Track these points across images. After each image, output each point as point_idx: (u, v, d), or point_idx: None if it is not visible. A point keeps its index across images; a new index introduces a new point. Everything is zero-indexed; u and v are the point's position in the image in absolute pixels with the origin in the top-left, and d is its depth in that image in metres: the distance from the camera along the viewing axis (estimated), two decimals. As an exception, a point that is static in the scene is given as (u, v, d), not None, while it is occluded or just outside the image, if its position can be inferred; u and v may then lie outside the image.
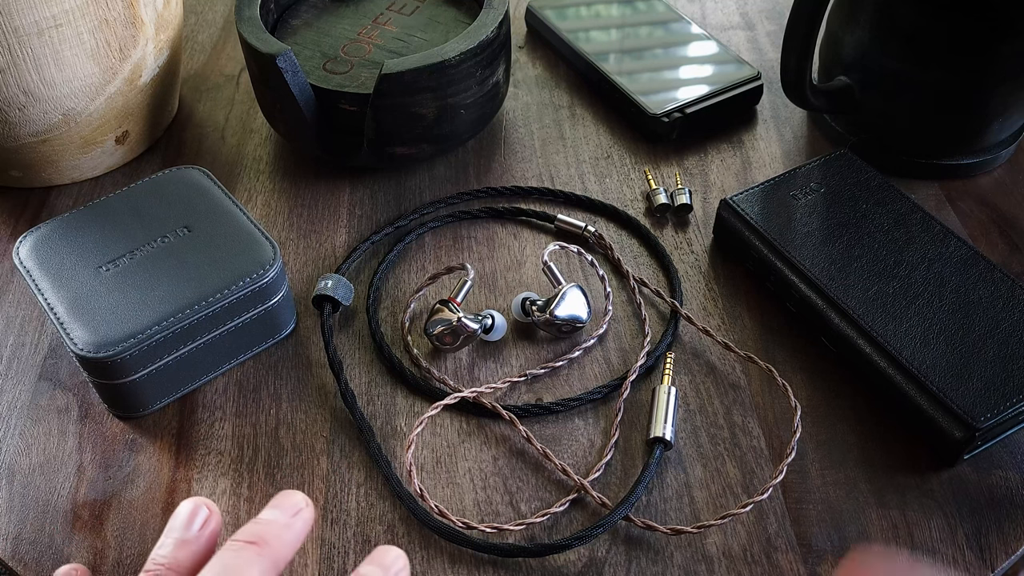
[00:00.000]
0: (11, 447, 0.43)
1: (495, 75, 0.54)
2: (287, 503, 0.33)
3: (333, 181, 0.56)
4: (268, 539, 0.31)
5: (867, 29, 0.52)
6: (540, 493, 0.41)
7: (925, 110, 0.53)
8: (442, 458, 0.42)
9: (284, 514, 0.33)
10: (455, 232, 0.53)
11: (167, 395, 0.44)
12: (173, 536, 0.32)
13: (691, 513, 0.40)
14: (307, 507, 0.33)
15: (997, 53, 0.49)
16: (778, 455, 0.42)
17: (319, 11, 0.59)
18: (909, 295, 0.45)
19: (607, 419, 0.44)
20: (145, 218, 0.46)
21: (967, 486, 0.41)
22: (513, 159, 0.57)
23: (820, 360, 0.46)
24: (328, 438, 0.43)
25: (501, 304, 0.49)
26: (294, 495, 0.33)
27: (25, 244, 0.45)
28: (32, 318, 0.49)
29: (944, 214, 0.53)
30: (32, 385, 0.46)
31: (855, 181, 0.51)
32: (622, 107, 0.60)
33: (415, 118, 0.51)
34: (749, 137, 0.59)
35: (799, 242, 0.48)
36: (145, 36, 0.53)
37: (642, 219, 0.53)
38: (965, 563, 0.39)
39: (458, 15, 0.57)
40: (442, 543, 0.40)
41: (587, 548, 0.39)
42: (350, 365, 0.46)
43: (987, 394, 0.41)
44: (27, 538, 0.40)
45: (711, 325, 0.48)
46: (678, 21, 0.65)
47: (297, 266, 0.51)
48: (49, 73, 0.49)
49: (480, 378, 0.46)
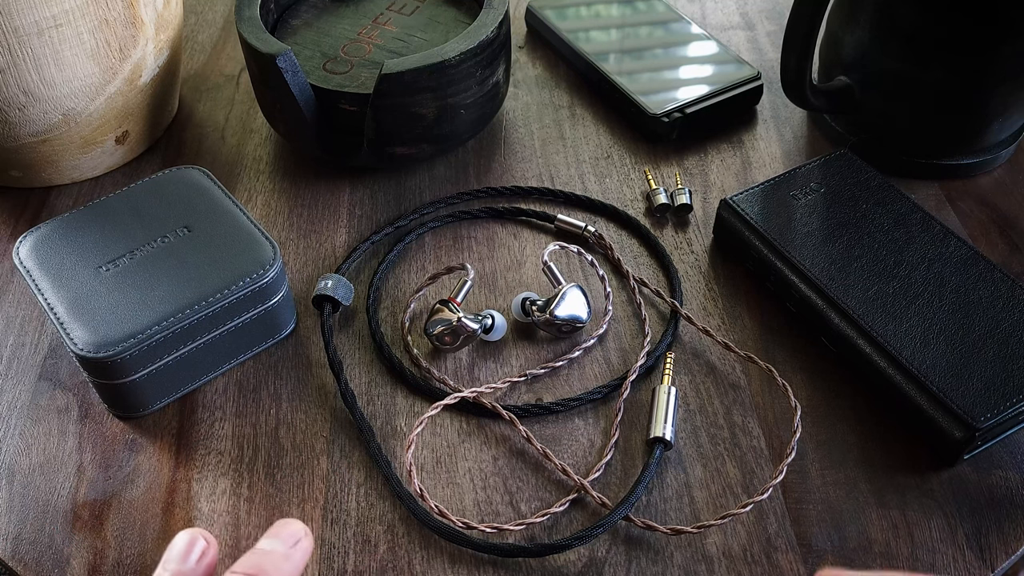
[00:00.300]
0: (11, 447, 0.43)
1: (495, 75, 0.54)
2: (286, 532, 0.32)
3: (333, 181, 0.56)
4: (268, 570, 0.31)
5: (867, 29, 0.52)
6: (540, 493, 0.41)
7: (925, 110, 0.53)
8: (442, 458, 0.42)
9: (283, 544, 0.32)
10: (455, 232, 0.53)
11: (167, 395, 0.44)
12: (170, 568, 0.31)
13: (691, 513, 0.40)
14: (306, 537, 0.33)
15: (997, 53, 0.49)
16: (778, 455, 0.42)
17: (319, 11, 0.59)
18: (909, 295, 0.45)
19: (607, 419, 0.44)
20: (145, 218, 0.46)
21: (967, 486, 0.41)
22: (513, 159, 0.57)
23: (820, 360, 0.46)
24: (328, 438, 0.43)
25: (501, 304, 0.49)
26: (293, 523, 0.33)
27: (25, 244, 0.45)
28: (32, 318, 0.49)
29: (944, 214, 0.53)
30: (32, 385, 0.46)
31: (855, 181, 0.51)
32: (622, 107, 0.60)
33: (415, 118, 0.51)
34: (749, 137, 0.59)
35: (799, 242, 0.48)
36: (145, 36, 0.53)
37: (642, 219, 0.53)
38: (965, 563, 0.39)
39: (458, 15, 0.57)
40: (442, 543, 0.40)
41: (587, 548, 0.39)
42: (350, 365, 0.46)
43: (987, 394, 0.41)
44: (27, 538, 0.40)
45: (711, 325, 0.48)
46: (678, 21, 0.65)
47: (297, 266, 0.51)
48: (49, 73, 0.49)
49: (480, 378, 0.46)
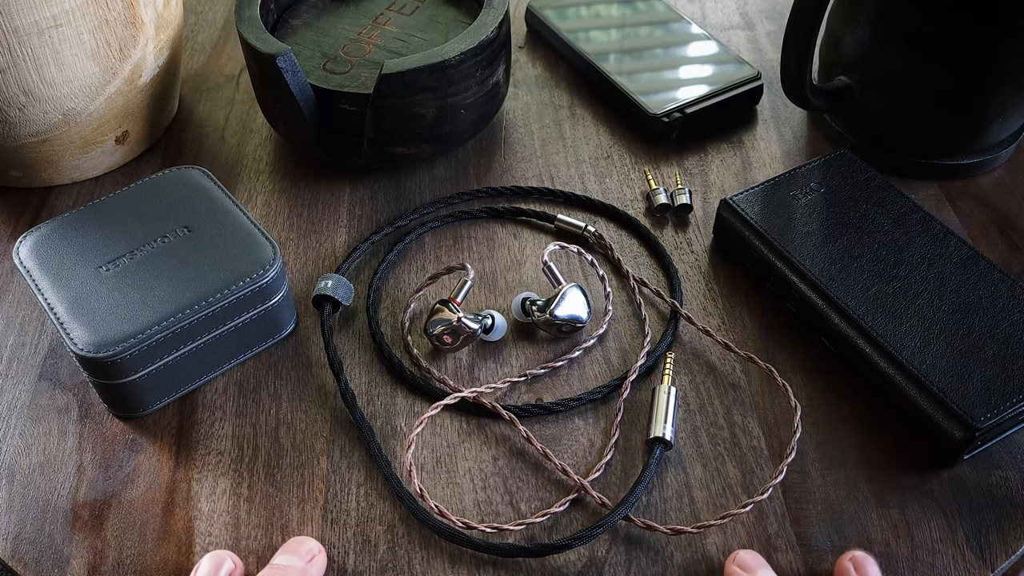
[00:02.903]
0: (11, 447, 0.43)
1: (495, 75, 0.54)
2: (302, 549, 0.32)
3: (333, 181, 0.56)
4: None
5: (867, 29, 0.52)
6: (540, 493, 0.41)
7: (925, 110, 0.53)
8: (442, 458, 0.42)
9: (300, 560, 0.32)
10: (455, 232, 0.53)
11: (167, 395, 0.44)
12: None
13: (691, 513, 0.40)
14: (320, 553, 0.33)
15: (997, 53, 0.49)
16: (778, 455, 0.42)
17: (319, 11, 0.59)
18: (909, 295, 0.45)
19: (607, 419, 0.44)
20: (145, 218, 0.46)
21: (967, 486, 0.41)
22: (513, 159, 0.57)
23: (820, 360, 0.46)
24: (328, 438, 0.43)
25: (501, 304, 0.49)
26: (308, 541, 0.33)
27: (25, 244, 0.45)
28: (32, 318, 0.49)
29: (944, 214, 0.53)
30: (32, 385, 0.46)
31: (855, 181, 0.51)
32: (622, 107, 0.60)
33: (415, 118, 0.51)
34: (749, 137, 0.59)
35: (799, 242, 0.48)
36: (145, 36, 0.53)
37: (642, 219, 0.53)
38: (965, 563, 0.39)
39: (458, 15, 0.57)
40: (442, 543, 0.40)
41: (587, 548, 0.39)
42: (350, 365, 0.46)
43: (987, 394, 0.41)
44: (27, 538, 0.40)
45: (711, 325, 0.48)
46: (678, 21, 0.65)
47: (297, 266, 0.51)
48: (49, 73, 0.49)
49: (480, 378, 0.46)
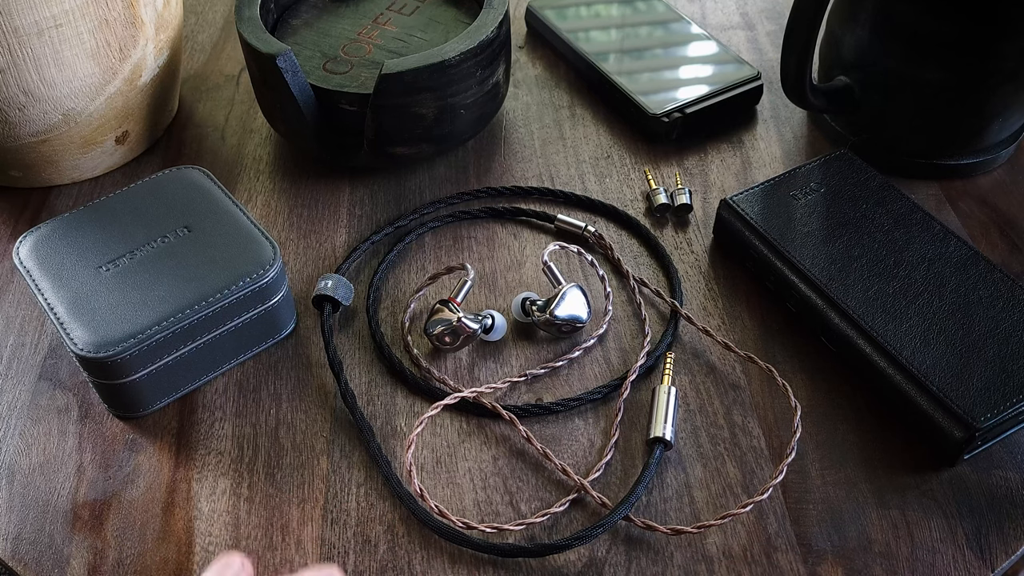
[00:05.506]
0: (11, 447, 0.43)
1: (495, 75, 0.54)
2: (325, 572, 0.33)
3: (333, 181, 0.56)
4: None
5: (867, 29, 0.52)
6: (540, 493, 0.41)
7: (925, 110, 0.53)
8: (442, 458, 0.42)
9: None
10: (455, 232, 0.53)
11: (167, 395, 0.44)
12: None
13: (691, 513, 0.40)
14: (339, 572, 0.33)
15: (997, 53, 0.49)
16: (778, 455, 0.42)
17: (319, 11, 0.59)
18: (909, 295, 0.45)
19: (607, 419, 0.44)
20: (145, 218, 0.46)
21: (967, 486, 0.41)
22: (513, 159, 0.57)
23: (820, 360, 0.46)
24: (328, 438, 0.43)
25: (501, 304, 0.49)
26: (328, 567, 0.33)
27: (25, 244, 0.45)
28: (32, 318, 0.49)
29: (944, 214, 0.53)
30: (32, 385, 0.46)
31: (855, 181, 0.51)
32: (622, 107, 0.60)
33: (415, 118, 0.51)
34: (749, 137, 0.59)
35: (799, 242, 0.48)
36: (145, 36, 0.53)
37: (642, 219, 0.53)
38: (965, 563, 0.39)
39: (458, 15, 0.57)
40: (442, 543, 0.40)
41: (587, 548, 0.39)
42: (350, 365, 0.46)
43: (987, 394, 0.41)
44: (27, 538, 0.40)
45: (711, 325, 0.48)
46: (678, 21, 0.65)
47: (297, 266, 0.51)
48: (49, 73, 0.49)
49: (480, 378, 0.46)
